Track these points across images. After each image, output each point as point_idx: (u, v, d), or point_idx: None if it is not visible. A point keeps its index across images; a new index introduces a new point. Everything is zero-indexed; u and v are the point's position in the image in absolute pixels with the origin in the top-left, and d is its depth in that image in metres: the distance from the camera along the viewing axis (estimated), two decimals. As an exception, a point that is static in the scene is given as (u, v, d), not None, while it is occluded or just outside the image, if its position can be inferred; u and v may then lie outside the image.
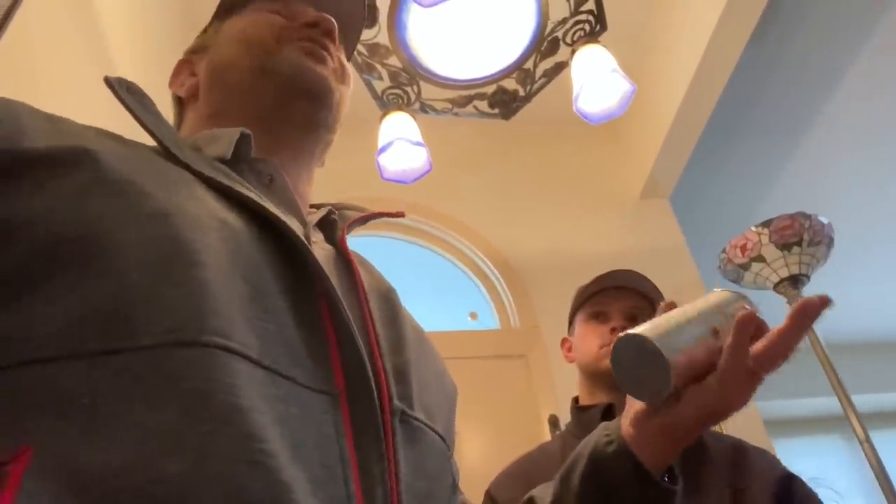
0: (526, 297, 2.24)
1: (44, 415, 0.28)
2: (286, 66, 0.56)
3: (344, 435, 0.36)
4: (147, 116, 0.47)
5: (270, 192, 0.48)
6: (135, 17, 1.63)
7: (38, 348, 0.30)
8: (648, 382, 0.47)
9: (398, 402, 0.41)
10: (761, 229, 2.11)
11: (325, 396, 0.37)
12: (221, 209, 0.40)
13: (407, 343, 0.46)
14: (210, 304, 0.33)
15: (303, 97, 0.56)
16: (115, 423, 0.28)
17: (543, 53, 1.49)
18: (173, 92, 0.63)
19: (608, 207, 2.52)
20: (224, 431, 0.30)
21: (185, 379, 0.30)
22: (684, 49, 2.16)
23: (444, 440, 0.47)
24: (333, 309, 0.39)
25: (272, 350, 0.35)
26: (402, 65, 1.49)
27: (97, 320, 0.31)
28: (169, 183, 0.39)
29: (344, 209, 0.58)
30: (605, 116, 1.39)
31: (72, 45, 1.31)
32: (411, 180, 1.52)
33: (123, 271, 0.32)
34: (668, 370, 0.45)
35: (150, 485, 0.27)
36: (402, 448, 0.39)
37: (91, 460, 0.27)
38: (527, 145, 2.62)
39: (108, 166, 0.36)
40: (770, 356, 0.45)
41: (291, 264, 0.40)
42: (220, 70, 0.58)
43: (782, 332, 0.45)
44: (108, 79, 0.48)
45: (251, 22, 0.59)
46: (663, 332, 0.47)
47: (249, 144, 0.49)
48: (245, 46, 0.58)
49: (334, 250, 0.49)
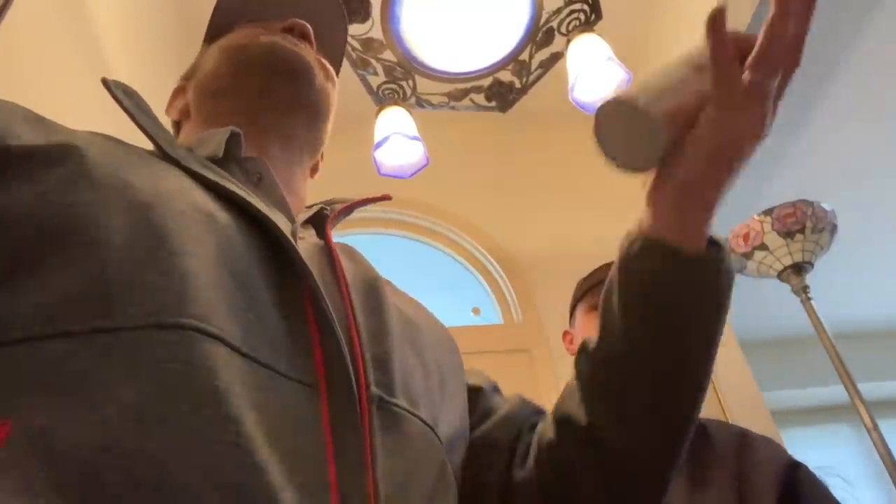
0: (528, 292, 2.23)
1: (26, 390, 0.29)
2: (260, 49, 0.58)
3: (321, 424, 0.36)
4: (142, 117, 0.48)
5: (259, 189, 0.49)
6: (128, 19, 1.63)
7: (23, 328, 0.30)
8: (641, 146, 0.41)
9: (376, 388, 0.41)
10: (763, 217, 2.10)
11: (304, 386, 0.37)
12: (209, 204, 0.40)
13: (390, 332, 0.46)
14: (192, 291, 0.33)
15: (280, 74, 0.58)
16: (94, 399, 0.29)
17: (539, 44, 1.48)
18: (170, 118, 0.66)
19: (610, 199, 2.50)
20: (202, 412, 0.30)
21: (165, 360, 0.31)
22: (682, 36, 2.14)
23: (429, 425, 0.46)
24: (316, 305, 0.40)
25: (253, 339, 0.35)
26: (396, 59, 1.49)
27: (81, 302, 0.31)
28: (157, 178, 0.40)
29: (333, 203, 0.59)
30: (601, 106, 1.38)
31: (64, 47, 1.30)
32: (409, 175, 1.52)
33: (108, 257, 0.33)
34: (651, 118, 0.40)
35: (127, 460, 0.28)
36: (379, 434, 0.39)
37: (69, 435, 0.28)
38: (525, 138, 2.61)
39: (94, 161, 0.37)
40: (766, 55, 0.39)
41: (277, 260, 0.41)
42: (204, 82, 0.61)
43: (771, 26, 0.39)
44: (105, 80, 0.49)
45: (231, 36, 0.63)
46: (636, 89, 0.41)
47: (239, 143, 0.50)
48: (222, 53, 0.61)
49: (322, 244, 0.50)
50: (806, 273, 2.10)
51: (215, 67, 0.60)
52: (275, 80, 0.58)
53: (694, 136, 0.42)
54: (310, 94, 0.59)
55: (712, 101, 0.41)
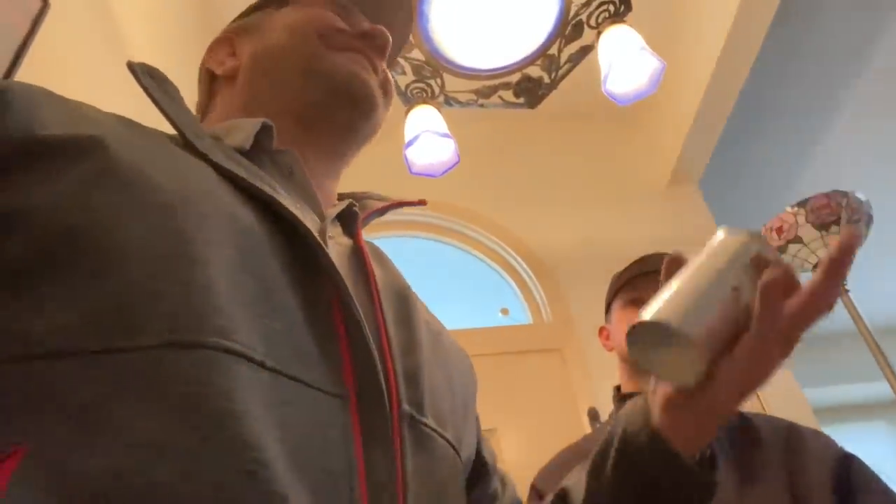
0: (557, 291, 2.21)
1: (38, 413, 0.28)
2: (339, 73, 0.55)
3: (352, 439, 0.35)
4: (168, 103, 0.47)
5: (290, 183, 0.48)
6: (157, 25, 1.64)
7: (37, 344, 0.29)
8: (676, 366, 0.42)
9: (407, 406, 0.40)
10: (797, 209, 2.05)
11: (334, 399, 0.36)
12: (234, 203, 0.39)
13: (420, 345, 0.45)
14: (212, 302, 0.32)
15: (349, 105, 0.56)
16: (107, 426, 0.28)
17: (568, 38, 1.47)
18: (209, 67, 0.61)
19: (637, 196, 2.48)
20: (217, 438, 0.29)
21: (181, 383, 0.30)
22: (708, 30, 2.11)
23: (454, 447, 0.46)
24: (345, 308, 0.38)
25: (278, 350, 0.34)
26: (424, 57, 1.48)
27: (97, 318, 0.30)
28: (182, 174, 0.38)
29: (366, 199, 0.58)
30: (634, 97, 1.36)
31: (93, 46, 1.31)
32: (440, 173, 1.51)
33: (125, 268, 0.32)
34: (697, 351, 0.40)
35: (139, 492, 0.27)
36: (410, 454, 0.38)
37: (81, 464, 0.27)
38: (551, 136, 2.60)
39: (117, 156, 0.36)
40: (806, 316, 0.39)
41: (304, 261, 0.39)
42: (269, 61, 0.57)
43: (817, 288, 0.39)
44: (130, 64, 0.48)
45: (308, 15, 0.58)
46: (682, 310, 0.40)
47: (270, 136, 0.48)
48: (299, 39, 0.57)
49: (352, 244, 0.48)
50: (843, 266, 2.06)
51: (284, 52, 0.57)
52: (341, 109, 0.56)
53: (727, 371, 0.42)
54: (368, 127, 0.58)
55: (750, 348, 0.41)
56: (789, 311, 0.39)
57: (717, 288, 0.41)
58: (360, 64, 0.57)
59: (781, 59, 2.43)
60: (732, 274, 0.42)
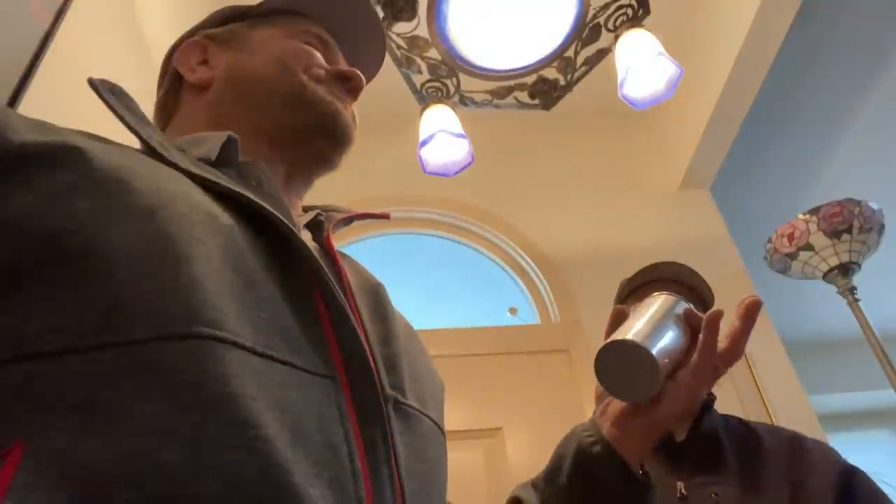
0: (566, 292, 2.21)
1: (37, 410, 0.29)
2: (326, 107, 0.58)
3: (348, 417, 0.36)
4: (133, 119, 0.47)
5: (258, 194, 0.48)
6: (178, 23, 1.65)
7: (31, 344, 0.30)
8: (636, 384, 0.51)
9: (391, 390, 0.42)
10: (809, 217, 2.05)
11: (326, 380, 0.37)
12: (210, 204, 0.40)
13: (396, 336, 0.47)
14: (200, 297, 0.33)
15: (329, 137, 0.58)
16: (107, 417, 0.29)
17: (585, 40, 1.47)
18: (180, 70, 0.61)
19: (647, 199, 2.47)
20: (216, 420, 0.30)
21: (177, 371, 0.30)
22: (725, 35, 2.11)
23: (440, 428, 0.49)
24: (328, 297, 0.40)
25: (267, 337, 0.35)
26: (441, 57, 1.48)
27: (89, 316, 0.31)
28: (157, 179, 0.39)
29: (331, 211, 0.59)
30: (651, 101, 1.36)
31: (116, 49, 1.32)
32: (453, 173, 1.51)
33: (113, 268, 0.32)
34: (658, 371, 0.49)
35: (143, 476, 0.28)
36: (398, 433, 0.40)
37: (84, 454, 0.28)
38: (563, 138, 2.59)
39: (96, 163, 0.36)
40: (734, 353, 0.53)
41: (282, 255, 0.41)
42: (252, 85, 0.58)
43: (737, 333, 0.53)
44: (91, 80, 0.49)
45: (295, 50, 0.60)
46: (648, 337, 0.51)
47: (235, 148, 0.49)
48: (282, 69, 0.58)
49: (321, 249, 0.50)
50: (853, 274, 2.05)
51: (267, 76, 0.58)
52: (322, 141, 0.59)
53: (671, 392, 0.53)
54: (340, 159, 0.61)
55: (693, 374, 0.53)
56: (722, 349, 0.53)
57: (664, 327, 0.54)
58: (340, 100, 0.60)
59: (798, 66, 2.41)
60: (673, 318, 0.55)
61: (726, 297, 2.09)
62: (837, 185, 2.66)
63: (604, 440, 0.53)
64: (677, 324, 0.54)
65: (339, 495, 0.33)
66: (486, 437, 1.89)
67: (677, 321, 0.55)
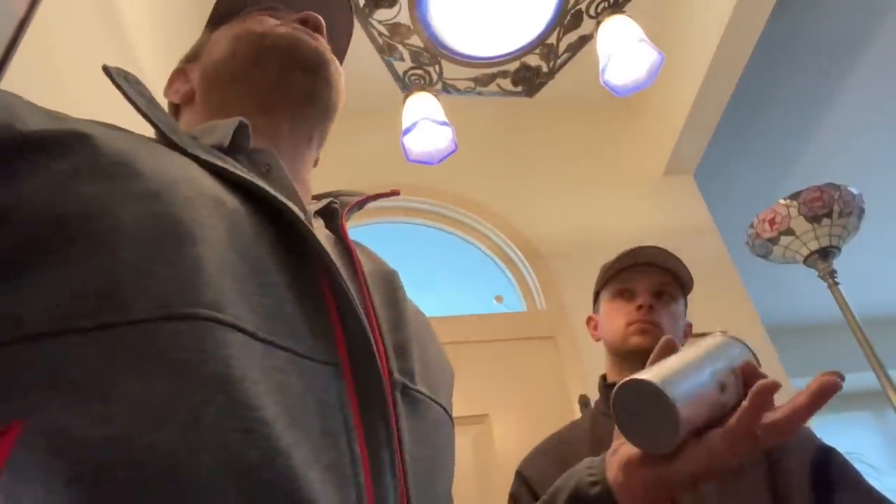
0: (551, 279, 2.22)
1: (37, 390, 0.29)
2: (282, 40, 0.57)
3: (348, 404, 0.36)
4: (146, 105, 0.48)
5: (268, 180, 0.48)
6: (157, 10, 1.63)
7: (33, 325, 0.30)
8: (652, 432, 0.44)
9: (399, 375, 0.42)
10: (790, 202, 2.07)
11: (327, 367, 0.37)
12: (217, 190, 0.39)
13: (407, 323, 0.46)
14: (202, 279, 0.33)
15: (300, 67, 0.57)
16: (106, 396, 0.29)
17: (567, 27, 1.47)
18: (168, 100, 0.64)
19: (632, 185, 2.49)
20: (216, 401, 0.30)
21: (176, 351, 0.30)
22: (706, 21, 2.11)
23: (449, 414, 0.48)
24: (334, 283, 0.39)
25: (269, 323, 0.35)
26: (423, 44, 1.47)
27: (91, 297, 0.31)
28: (164, 164, 0.39)
29: (343, 196, 0.59)
30: (632, 88, 1.37)
31: (94, 36, 1.30)
32: (437, 161, 1.51)
33: (116, 249, 0.32)
34: (678, 424, 0.42)
35: (139, 453, 0.28)
36: (404, 418, 0.40)
37: (82, 432, 0.28)
38: (547, 125, 2.60)
39: (102, 149, 0.36)
40: (782, 430, 0.43)
41: (290, 242, 0.40)
42: (214, 67, 0.59)
43: (798, 408, 0.42)
44: (106, 67, 0.48)
45: (241, 24, 0.61)
46: (675, 382, 0.43)
47: (247, 134, 0.49)
48: (235, 42, 0.59)
49: (334, 237, 0.50)
50: (833, 258, 2.07)
51: (229, 54, 0.59)
52: (294, 73, 0.57)
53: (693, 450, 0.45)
54: (326, 89, 0.59)
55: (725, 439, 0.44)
56: (770, 421, 0.43)
57: (706, 376, 0.45)
58: (304, 32, 0.59)
59: (779, 52, 2.43)
60: (722, 370, 0.46)
61: (710, 282, 2.12)
62: (819, 170, 2.69)
63: (605, 483, 0.49)
64: (724, 377, 0.46)
65: (337, 480, 0.33)
66: (474, 424, 1.90)
67: (726, 374, 0.46)
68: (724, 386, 0.45)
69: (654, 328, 1.11)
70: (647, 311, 1.12)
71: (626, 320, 1.14)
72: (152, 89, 0.52)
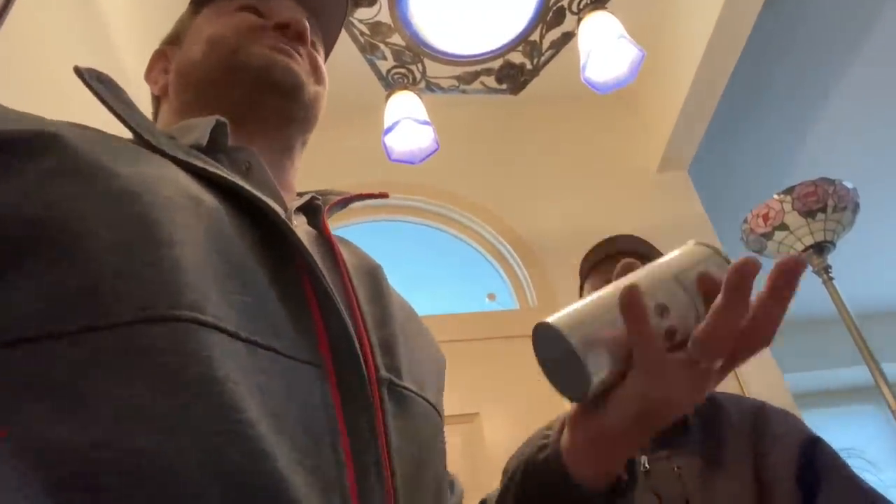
0: (544, 277, 2.21)
1: (14, 398, 0.28)
2: (254, 60, 0.56)
3: (332, 404, 0.36)
4: (119, 106, 0.47)
5: (248, 179, 0.48)
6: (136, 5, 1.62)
7: (11, 330, 0.29)
8: (571, 380, 0.38)
9: (385, 372, 0.41)
10: (784, 197, 2.05)
11: (310, 367, 0.36)
12: (196, 189, 0.39)
13: (393, 318, 0.46)
14: (182, 280, 0.32)
15: (272, 91, 0.56)
16: (86, 401, 0.28)
17: (549, 24, 1.46)
18: (149, 86, 0.63)
19: (625, 181, 2.47)
20: (197, 404, 0.29)
21: (158, 354, 0.30)
22: (698, 15, 2.09)
23: (437, 409, 0.47)
24: (315, 281, 0.39)
25: (251, 323, 0.34)
26: (405, 43, 1.47)
27: (70, 301, 0.30)
28: (141, 165, 0.38)
29: (327, 194, 0.58)
30: (613, 85, 1.35)
31: (72, 33, 1.30)
32: (419, 160, 1.50)
33: (94, 252, 0.32)
34: (585, 367, 0.36)
35: (122, 458, 0.27)
36: (391, 416, 0.39)
37: (62, 438, 0.27)
38: (538, 121, 2.58)
39: (76, 150, 0.36)
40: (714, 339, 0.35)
41: (271, 241, 0.40)
42: (187, 70, 0.58)
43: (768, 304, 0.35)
44: (77, 69, 0.48)
45: (220, 23, 0.59)
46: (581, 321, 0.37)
47: (225, 133, 0.49)
48: (210, 48, 0.57)
49: (316, 233, 0.50)
50: (828, 253, 2.06)
51: (199, 58, 0.57)
52: (265, 96, 0.56)
53: (617, 398, 0.39)
54: (300, 109, 0.58)
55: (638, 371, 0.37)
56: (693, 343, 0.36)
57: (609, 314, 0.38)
58: (281, 51, 0.57)
59: (771, 45, 2.40)
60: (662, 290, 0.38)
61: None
62: (813, 165, 2.66)
63: (553, 444, 0.45)
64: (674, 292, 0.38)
65: (321, 483, 0.32)
66: (464, 423, 1.90)
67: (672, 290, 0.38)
68: (665, 308, 0.37)
69: None
70: None
71: None
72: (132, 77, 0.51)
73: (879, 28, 2.37)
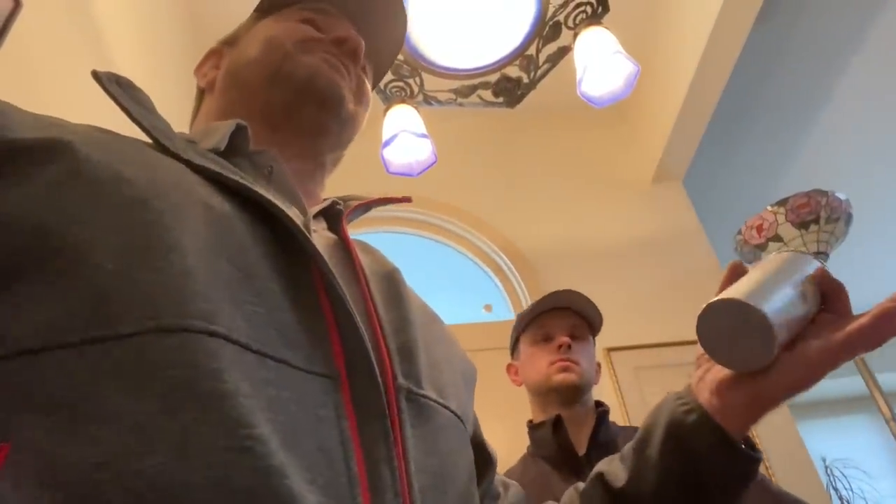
0: (540, 288, 2.22)
1: (24, 409, 0.28)
2: (301, 70, 0.56)
3: (345, 417, 0.35)
4: (137, 110, 0.46)
5: (270, 182, 0.47)
6: (133, 18, 1.63)
7: (16, 340, 0.29)
8: (745, 351, 0.43)
9: (403, 380, 0.40)
10: (777, 208, 2.06)
11: (323, 379, 0.35)
12: (209, 194, 0.38)
13: (412, 323, 0.45)
14: (193, 289, 0.32)
15: (312, 99, 0.56)
16: (94, 416, 0.28)
17: (546, 38, 1.47)
18: (196, 79, 0.63)
19: (620, 193, 2.49)
20: (206, 419, 0.28)
21: (167, 367, 0.29)
22: (692, 27, 2.12)
23: (460, 418, 0.46)
24: (330, 290, 0.38)
25: (262, 333, 0.34)
26: (403, 57, 1.48)
27: (77, 311, 0.30)
28: (154, 170, 0.38)
29: (349, 199, 0.58)
30: (609, 99, 1.37)
31: (71, 47, 1.31)
32: (417, 173, 1.51)
33: (101, 261, 0.31)
34: (774, 339, 0.42)
35: (129, 476, 0.26)
36: (409, 426, 0.38)
37: (69, 455, 0.27)
38: (535, 134, 2.60)
39: (86, 156, 0.35)
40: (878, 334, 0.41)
41: (286, 248, 0.39)
42: (238, 68, 0.58)
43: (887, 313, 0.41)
44: (95, 73, 0.47)
45: (280, 28, 0.59)
46: (763, 297, 0.42)
47: (246, 136, 0.48)
48: (266, 49, 0.57)
49: (336, 238, 0.48)
50: (822, 263, 2.07)
51: (252, 59, 0.58)
52: (306, 107, 0.56)
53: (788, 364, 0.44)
54: (335, 123, 0.57)
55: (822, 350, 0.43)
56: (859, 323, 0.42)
57: (788, 287, 0.44)
58: (330, 64, 0.57)
59: (764, 58, 2.43)
60: (800, 280, 0.45)
61: (699, 289, 2.12)
62: (807, 176, 2.69)
63: (700, 409, 0.47)
64: (803, 286, 0.45)
65: (334, 500, 0.31)
66: (461, 434, 1.90)
67: (804, 283, 0.45)
68: (804, 295, 0.44)
69: (575, 365, 1.19)
70: (566, 349, 1.20)
71: (548, 360, 1.21)
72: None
73: (872, 40, 2.40)
